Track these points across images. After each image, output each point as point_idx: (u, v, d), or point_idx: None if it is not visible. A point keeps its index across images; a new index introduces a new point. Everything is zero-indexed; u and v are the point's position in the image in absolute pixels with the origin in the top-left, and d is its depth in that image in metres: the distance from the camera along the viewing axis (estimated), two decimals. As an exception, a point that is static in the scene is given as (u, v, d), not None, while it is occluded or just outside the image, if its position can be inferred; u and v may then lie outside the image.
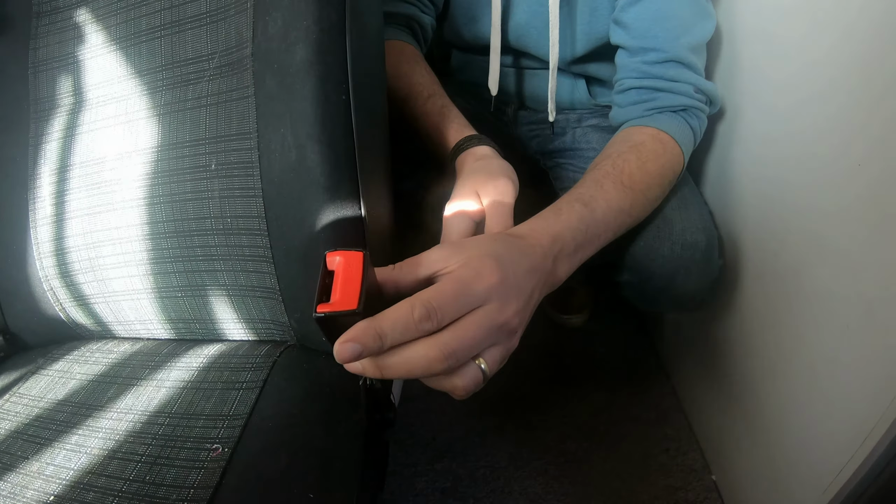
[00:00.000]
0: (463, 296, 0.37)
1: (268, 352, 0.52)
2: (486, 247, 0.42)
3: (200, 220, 0.55)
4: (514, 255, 0.43)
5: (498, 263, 0.40)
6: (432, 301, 0.36)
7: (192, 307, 0.58)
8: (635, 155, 0.60)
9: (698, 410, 0.96)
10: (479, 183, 0.56)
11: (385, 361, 0.37)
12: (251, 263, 0.53)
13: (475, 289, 0.38)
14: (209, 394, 0.50)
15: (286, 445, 0.42)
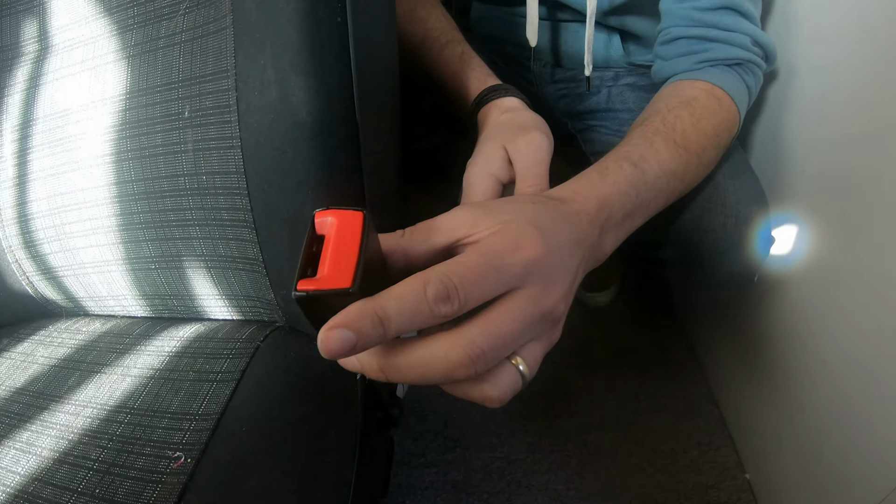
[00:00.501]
0: (494, 272, 0.28)
1: (251, 335, 0.42)
2: (524, 210, 0.32)
3: (173, 179, 0.45)
4: (558, 222, 0.33)
5: (540, 232, 0.30)
6: (452, 276, 0.27)
7: (168, 281, 0.48)
8: (688, 111, 0.49)
9: (732, 402, 0.85)
10: (508, 138, 0.45)
11: (391, 362, 0.28)
12: (230, 230, 0.43)
13: (511, 264, 0.28)
14: (178, 385, 0.40)
15: (262, 457, 0.32)
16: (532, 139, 0.45)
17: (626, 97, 0.71)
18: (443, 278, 0.26)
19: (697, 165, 0.48)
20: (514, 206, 0.33)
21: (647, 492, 0.76)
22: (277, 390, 0.35)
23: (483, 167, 0.44)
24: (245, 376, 0.38)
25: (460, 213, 0.32)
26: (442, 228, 0.31)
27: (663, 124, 0.47)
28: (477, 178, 0.44)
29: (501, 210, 0.32)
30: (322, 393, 0.35)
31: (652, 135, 0.46)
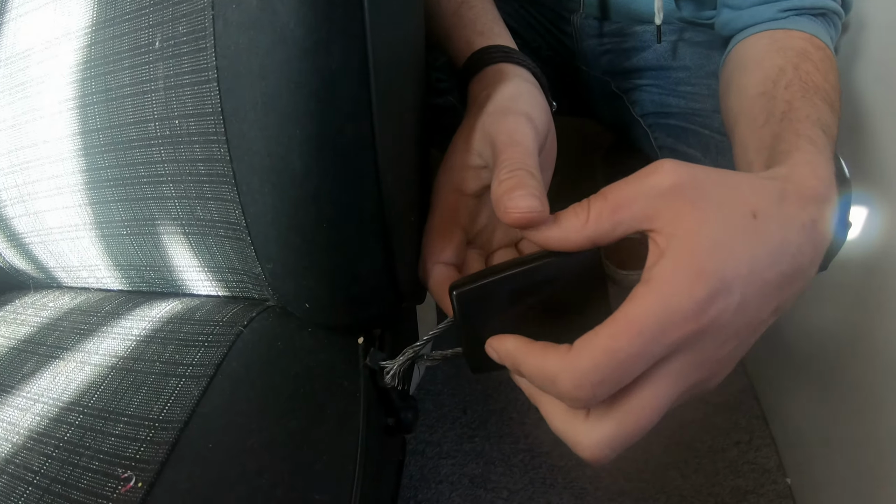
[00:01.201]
0: (656, 346, 0.22)
1: (233, 317, 0.33)
2: (734, 219, 0.23)
3: (142, 125, 0.35)
4: (778, 243, 0.23)
5: (746, 274, 0.22)
6: (605, 368, 0.21)
7: (142, 249, 0.39)
8: (811, 65, 0.38)
9: (775, 398, 0.75)
10: (485, 123, 0.32)
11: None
12: (208, 186, 0.33)
13: (683, 335, 0.22)
14: (141, 380, 0.31)
15: (230, 485, 0.23)
16: (507, 122, 0.31)
17: (682, 54, 0.59)
18: (576, 372, 0.22)
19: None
20: (724, 211, 0.23)
21: (682, 493, 0.67)
22: (257, 393, 0.26)
23: (447, 182, 0.31)
24: (220, 372, 0.28)
25: (658, 193, 0.23)
26: (632, 209, 0.23)
27: (805, 84, 0.35)
28: (439, 190, 0.31)
29: (709, 204, 0.23)
30: (315, 397, 0.26)
31: (812, 96, 0.34)
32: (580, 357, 0.22)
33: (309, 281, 0.26)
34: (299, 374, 0.27)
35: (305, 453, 0.24)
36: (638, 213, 0.23)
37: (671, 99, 0.58)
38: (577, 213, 0.24)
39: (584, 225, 0.24)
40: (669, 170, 0.23)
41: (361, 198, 0.24)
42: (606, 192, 0.24)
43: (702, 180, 0.23)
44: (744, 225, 0.23)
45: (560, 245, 0.24)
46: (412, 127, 0.32)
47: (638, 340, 0.21)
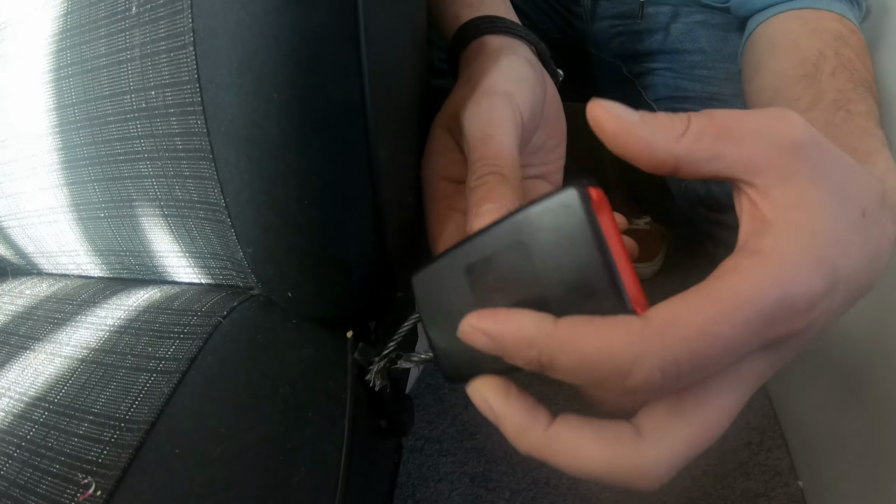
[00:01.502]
0: (748, 340, 0.17)
1: (213, 306, 0.30)
2: (851, 186, 0.19)
3: (117, 98, 0.32)
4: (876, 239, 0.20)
5: (851, 276, 0.18)
6: (683, 357, 0.16)
7: (120, 232, 0.36)
8: (851, 51, 0.34)
9: (788, 396, 0.71)
10: (452, 113, 0.28)
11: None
12: (186, 163, 0.30)
13: (777, 335, 0.17)
14: (111, 374, 0.28)
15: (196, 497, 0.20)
16: (480, 107, 0.26)
17: (696, 36, 0.55)
18: (667, 358, 0.16)
19: None
20: (840, 197, 0.19)
21: (690, 496, 0.64)
22: (231, 392, 0.23)
23: (433, 170, 0.27)
24: (193, 367, 0.25)
25: (780, 144, 0.18)
26: (741, 146, 0.18)
27: (850, 72, 0.32)
28: (428, 178, 0.27)
29: (828, 185, 0.18)
30: (295, 399, 0.23)
31: (861, 88, 0.30)
32: (668, 334, 0.16)
33: (290, 266, 0.23)
34: (279, 371, 0.23)
35: (280, 464, 0.20)
36: (746, 156, 0.18)
37: (687, 83, 0.54)
38: (673, 120, 0.18)
39: (678, 136, 0.18)
40: (799, 124, 0.18)
41: (349, 173, 0.21)
42: (714, 113, 0.18)
43: (826, 153, 0.19)
44: (854, 221, 0.19)
45: (637, 147, 0.18)
46: (410, 103, 0.28)
47: (746, 329, 0.16)
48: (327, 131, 0.20)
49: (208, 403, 0.23)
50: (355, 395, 0.23)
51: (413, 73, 0.30)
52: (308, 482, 0.20)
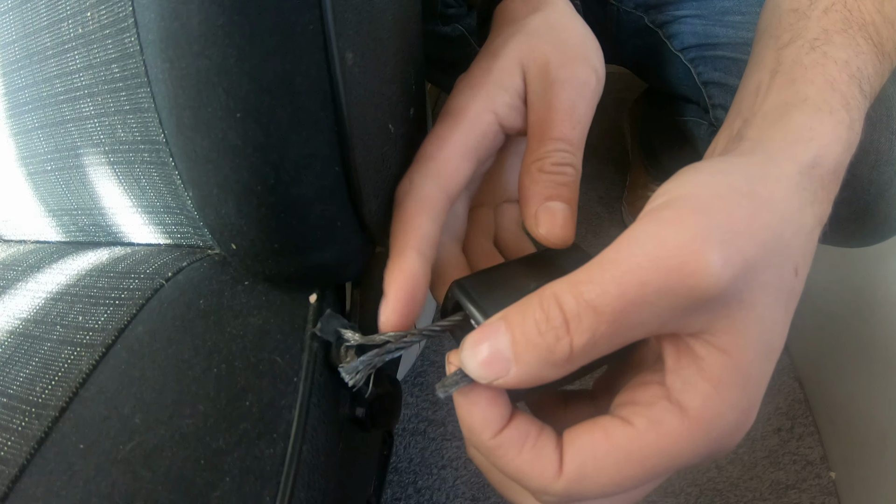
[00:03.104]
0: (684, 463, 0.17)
1: (159, 268, 0.24)
2: (787, 260, 0.17)
3: (55, 27, 0.26)
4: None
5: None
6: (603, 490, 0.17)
7: (69, 187, 0.30)
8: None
9: (820, 380, 0.64)
10: (534, 58, 0.24)
11: None
12: (125, 95, 0.24)
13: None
14: (36, 347, 0.23)
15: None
16: (576, 76, 0.23)
17: (729, -22, 0.48)
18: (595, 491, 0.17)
19: (888, 75, 0.27)
20: (775, 293, 0.17)
21: (716, 487, 0.57)
22: (156, 372, 0.17)
23: (484, 101, 0.23)
24: (120, 339, 0.19)
25: (698, 306, 0.16)
26: (648, 327, 0.16)
27: (850, 12, 0.25)
28: (469, 113, 0.22)
29: (761, 294, 0.16)
30: (232, 381, 0.17)
31: (854, 33, 0.24)
32: (573, 492, 0.17)
33: (228, 207, 0.16)
34: (216, 345, 0.17)
35: (201, 470, 0.14)
36: (658, 328, 0.16)
37: (718, 29, 0.46)
38: (549, 343, 0.16)
39: (566, 359, 0.16)
40: (715, 273, 0.15)
41: (298, 77, 0.15)
42: (597, 302, 0.15)
43: (753, 260, 0.16)
44: (788, 292, 0.17)
45: (533, 383, 0.17)
46: (394, 11, 0.22)
47: (640, 484, 0.17)
48: (264, 16, 0.14)
49: (126, 386, 0.17)
50: (313, 377, 0.17)
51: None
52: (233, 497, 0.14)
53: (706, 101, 0.45)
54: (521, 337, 0.16)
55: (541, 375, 0.16)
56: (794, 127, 0.19)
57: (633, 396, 0.18)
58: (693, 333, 0.16)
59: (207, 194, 0.17)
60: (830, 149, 0.19)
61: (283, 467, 0.15)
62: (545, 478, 0.17)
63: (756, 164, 0.18)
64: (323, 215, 0.17)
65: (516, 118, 0.24)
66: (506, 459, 0.17)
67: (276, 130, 0.15)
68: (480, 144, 0.23)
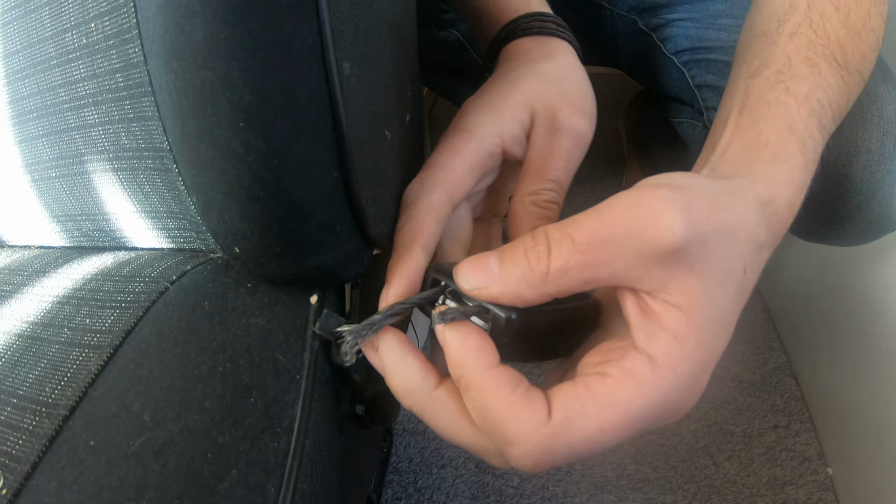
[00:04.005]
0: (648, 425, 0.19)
1: (164, 271, 0.24)
2: (736, 252, 0.19)
3: (59, 37, 0.27)
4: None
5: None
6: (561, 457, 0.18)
7: (73, 194, 0.31)
8: (831, 3, 0.29)
9: (816, 377, 0.65)
10: (542, 103, 0.27)
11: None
12: (129, 103, 0.25)
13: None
14: (45, 350, 0.23)
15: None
16: (577, 128, 0.27)
17: (720, -18, 0.49)
18: (546, 454, 0.18)
19: (859, 85, 0.29)
20: (724, 275, 0.19)
21: (713, 484, 0.58)
22: (163, 371, 0.18)
23: (495, 125, 0.25)
24: (127, 341, 0.20)
25: (656, 257, 0.18)
26: (613, 267, 0.18)
27: (815, 33, 0.27)
28: (481, 133, 0.25)
29: (712, 269, 0.19)
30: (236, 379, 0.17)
31: (817, 58, 0.26)
32: (558, 437, 0.17)
33: (231, 212, 0.17)
34: (221, 345, 0.18)
35: (208, 464, 0.15)
36: (620, 273, 0.18)
37: (710, 33, 0.47)
38: (532, 259, 0.18)
39: (542, 277, 0.18)
40: (676, 225, 0.17)
41: (298, 87, 0.16)
42: (575, 235, 0.18)
43: (706, 235, 0.18)
44: (736, 285, 0.19)
45: (507, 298, 0.18)
46: (387, 11, 0.22)
47: (625, 435, 0.18)
48: (265, 30, 0.15)
49: (135, 385, 0.18)
50: (314, 374, 0.18)
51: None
52: (239, 489, 0.15)
53: (700, 104, 0.46)
54: (509, 257, 0.18)
55: (517, 291, 0.18)
56: (754, 172, 0.22)
57: (604, 356, 0.19)
58: (650, 291, 0.18)
59: (211, 200, 0.18)
60: (783, 191, 0.22)
61: (287, 460, 0.16)
62: (534, 420, 0.17)
63: (724, 186, 0.21)
64: (323, 219, 0.18)
65: (516, 148, 0.26)
66: (497, 396, 0.18)
67: (278, 139, 0.16)
68: (485, 162, 0.25)
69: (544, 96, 0.27)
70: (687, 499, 0.57)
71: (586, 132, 0.27)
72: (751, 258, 0.20)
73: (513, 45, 0.31)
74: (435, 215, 0.22)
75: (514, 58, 0.30)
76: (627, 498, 0.57)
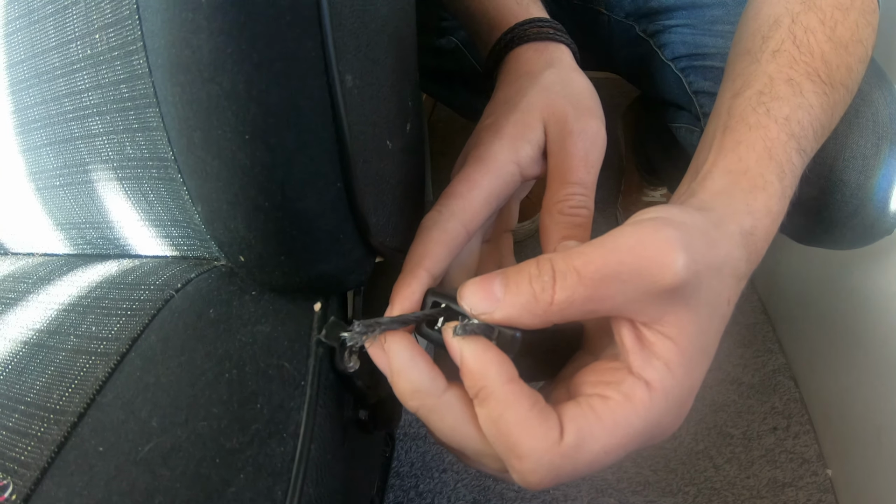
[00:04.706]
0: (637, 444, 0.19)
1: (169, 279, 0.25)
2: (722, 287, 0.21)
3: (63, 48, 0.27)
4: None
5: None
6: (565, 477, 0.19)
7: (77, 202, 0.31)
8: (815, 17, 0.29)
9: (815, 379, 0.65)
10: (553, 112, 0.27)
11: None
12: (133, 114, 0.25)
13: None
14: (51, 357, 0.24)
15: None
16: (589, 128, 0.27)
17: (717, -12, 0.49)
18: (553, 474, 0.18)
19: (845, 101, 0.29)
20: (713, 309, 0.20)
21: (713, 486, 0.58)
22: (170, 378, 0.18)
23: (510, 152, 0.26)
24: (134, 348, 0.20)
25: (657, 293, 0.19)
26: (616, 300, 0.19)
27: (798, 50, 0.28)
28: (497, 163, 0.25)
29: (703, 305, 0.20)
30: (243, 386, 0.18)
31: (799, 76, 0.27)
32: (569, 459, 0.18)
33: (237, 222, 0.18)
34: (227, 352, 0.18)
35: (216, 468, 0.16)
36: (621, 307, 0.19)
37: (707, 39, 0.48)
38: (537, 286, 0.18)
39: (547, 306, 0.18)
40: (677, 265, 0.18)
41: (301, 100, 0.16)
42: (581, 269, 0.18)
43: (701, 273, 0.19)
44: (721, 317, 0.21)
45: (516, 322, 0.19)
46: (387, 23, 0.23)
47: (621, 454, 0.19)
48: (270, 45, 0.15)
49: (142, 391, 0.18)
50: (319, 380, 0.18)
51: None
52: (247, 493, 0.15)
53: (697, 110, 0.47)
54: (514, 283, 0.19)
55: (520, 318, 0.18)
56: (735, 202, 0.23)
57: (600, 377, 0.20)
58: (646, 322, 0.19)
59: (217, 210, 0.18)
60: (762, 222, 0.23)
61: (293, 464, 0.16)
62: (549, 440, 0.18)
63: (712, 220, 0.22)
64: (326, 228, 0.18)
65: (534, 168, 0.27)
66: (516, 410, 0.18)
67: (282, 150, 0.16)
68: (502, 192, 0.26)
69: (551, 106, 0.27)
70: (687, 501, 0.57)
71: (599, 131, 0.27)
72: (734, 291, 0.21)
73: (514, 55, 0.31)
74: (447, 244, 0.23)
75: (517, 71, 0.30)
76: (628, 501, 0.57)
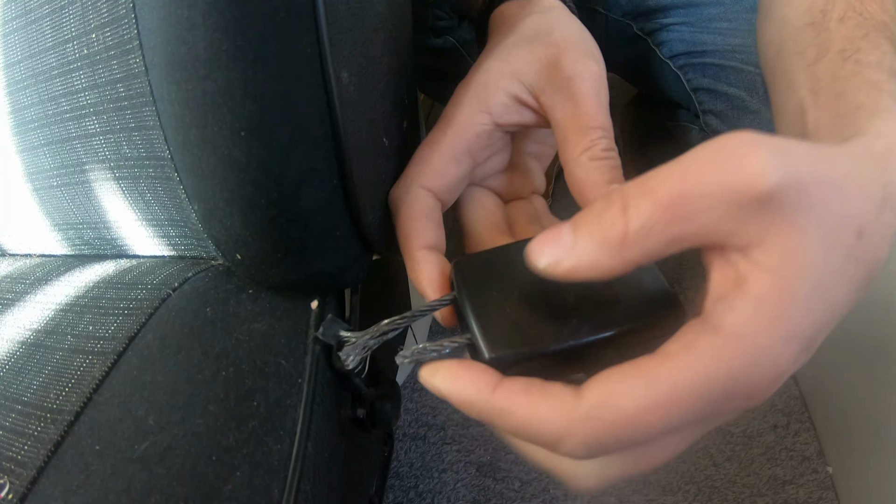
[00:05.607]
0: (721, 406, 0.16)
1: (166, 278, 0.25)
2: (845, 208, 0.16)
3: (60, 48, 0.27)
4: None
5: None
6: (608, 441, 0.16)
7: (75, 202, 0.31)
8: None
9: (815, 377, 0.66)
10: (536, 53, 0.24)
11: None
12: (130, 113, 0.25)
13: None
14: (48, 357, 0.24)
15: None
16: (588, 69, 0.24)
17: (715, -13, 0.49)
18: (591, 439, 0.16)
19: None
20: (830, 233, 0.16)
21: (713, 484, 0.58)
22: (167, 376, 0.18)
23: (475, 103, 0.24)
24: (131, 347, 0.20)
25: (748, 203, 0.15)
26: (700, 220, 0.15)
27: (861, 15, 0.26)
28: (459, 117, 0.23)
29: (814, 224, 0.15)
30: (240, 383, 0.18)
31: (874, 34, 0.25)
32: (595, 418, 0.15)
33: (233, 219, 0.18)
34: (224, 350, 0.18)
35: (212, 465, 0.16)
36: (709, 229, 0.15)
37: (705, 36, 0.48)
38: (607, 223, 0.16)
39: (621, 240, 0.15)
40: (765, 167, 0.14)
41: (298, 96, 0.16)
42: (656, 190, 0.15)
43: (807, 184, 0.15)
44: (846, 252, 0.16)
45: (586, 273, 0.16)
46: (382, 21, 0.23)
47: (681, 416, 0.15)
48: (265, 42, 0.15)
49: (139, 390, 0.18)
50: (316, 378, 0.18)
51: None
52: (244, 490, 0.15)
53: (696, 107, 0.47)
54: (583, 223, 0.16)
55: (594, 263, 0.16)
56: (857, 130, 0.19)
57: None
58: (741, 247, 0.15)
59: (213, 208, 0.18)
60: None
61: (290, 462, 0.16)
62: (559, 408, 0.16)
63: (819, 144, 0.18)
64: (323, 226, 0.18)
65: (513, 115, 0.24)
66: (517, 410, 0.16)
67: (278, 147, 0.16)
68: (474, 145, 0.23)
69: (532, 52, 0.24)
70: (688, 499, 0.57)
71: (600, 70, 0.24)
72: (867, 219, 0.16)
73: (497, 13, 0.29)
74: (419, 214, 0.21)
75: (498, 28, 0.28)
76: (628, 500, 0.57)
